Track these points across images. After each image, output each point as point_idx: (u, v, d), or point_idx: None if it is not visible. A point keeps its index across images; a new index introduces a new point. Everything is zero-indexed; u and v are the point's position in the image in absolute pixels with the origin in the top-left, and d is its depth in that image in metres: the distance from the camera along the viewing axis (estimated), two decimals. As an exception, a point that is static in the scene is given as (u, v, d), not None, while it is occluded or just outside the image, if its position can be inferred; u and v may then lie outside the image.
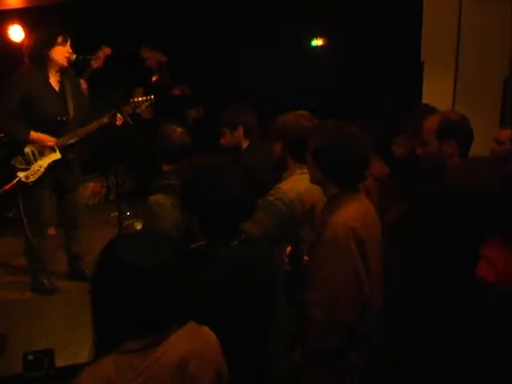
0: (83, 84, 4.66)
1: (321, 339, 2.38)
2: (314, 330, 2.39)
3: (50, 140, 4.33)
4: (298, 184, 2.99)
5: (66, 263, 4.90)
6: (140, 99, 4.54)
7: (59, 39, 4.28)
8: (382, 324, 2.43)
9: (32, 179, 4.35)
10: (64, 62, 4.36)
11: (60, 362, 2.44)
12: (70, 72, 4.53)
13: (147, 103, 4.57)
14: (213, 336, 1.78)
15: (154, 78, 6.58)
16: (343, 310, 2.34)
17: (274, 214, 2.97)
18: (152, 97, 4.58)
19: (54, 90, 4.39)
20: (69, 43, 4.34)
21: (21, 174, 4.33)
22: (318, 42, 7.06)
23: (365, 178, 2.54)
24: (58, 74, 4.41)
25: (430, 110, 3.23)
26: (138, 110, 4.54)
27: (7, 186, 4.31)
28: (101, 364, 1.63)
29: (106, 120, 4.41)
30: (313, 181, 2.61)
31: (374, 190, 3.15)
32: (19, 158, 4.33)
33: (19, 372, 2.41)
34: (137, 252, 1.65)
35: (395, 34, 5.83)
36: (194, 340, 1.71)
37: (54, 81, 4.39)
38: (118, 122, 4.40)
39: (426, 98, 5.09)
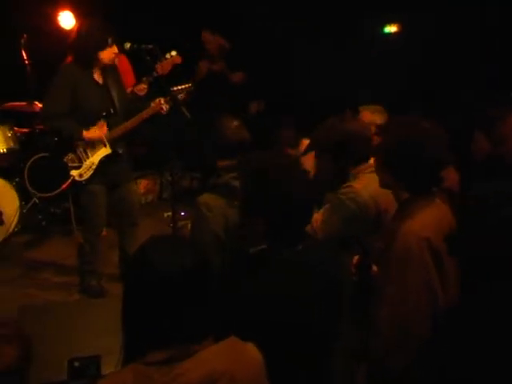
0: (144, 90, 4.66)
1: (387, 358, 2.33)
2: (380, 348, 2.35)
3: (100, 133, 4.42)
4: (369, 184, 2.90)
5: (117, 265, 5.00)
6: (180, 87, 4.56)
7: (104, 42, 4.35)
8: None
9: (86, 177, 4.47)
10: (111, 62, 4.49)
11: (107, 369, 2.44)
12: (112, 66, 4.64)
13: (185, 91, 4.59)
14: (256, 354, 1.73)
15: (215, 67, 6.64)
16: (414, 328, 2.28)
17: (344, 214, 2.91)
18: (190, 85, 4.61)
19: (99, 84, 4.50)
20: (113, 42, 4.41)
21: (74, 173, 4.45)
22: (391, 29, 6.93)
23: (441, 181, 2.46)
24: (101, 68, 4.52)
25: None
26: (179, 97, 4.55)
27: (63, 186, 4.43)
28: (120, 373, 1.65)
29: (151, 111, 4.49)
30: (382, 185, 2.57)
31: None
32: (71, 155, 4.45)
33: (64, 379, 2.45)
34: (168, 257, 1.65)
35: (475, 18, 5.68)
36: (228, 358, 1.66)
37: (97, 75, 4.50)
38: (163, 111, 4.47)
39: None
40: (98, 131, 4.43)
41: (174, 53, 4.70)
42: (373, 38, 6.87)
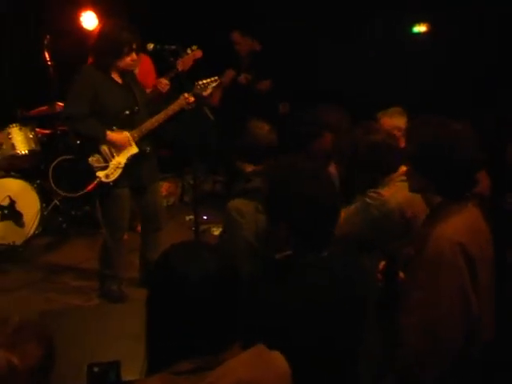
0: (166, 85, 4.66)
1: (418, 369, 2.29)
2: (409, 355, 2.31)
3: (124, 138, 4.43)
4: (399, 192, 2.96)
5: (138, 269, 4.98)
6: (205, 81, 4.56)
7: (125, 49, 4.35)
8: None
9: (112, 178, 4.44)
10: (128, 68, 4.50)
11: (127, 375, 2.42)
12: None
13: (213, 84, 4.59)
14: (282, 363, 1.73)
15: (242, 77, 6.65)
16: (446, 336, 2.24)
17: (366, 218, 2.99)
18: (217, 78, 4.60)
19: (119, 84, 4.50)
20: (134, 48, 4.41)
21: (100, 174, 4.41)
22: (420, 29, 6.86)
23: (475, 184, 2.42)
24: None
25: None
26: (204, 93, 4.56)
27: (88, 188, 4.39)
28: (148, 382, 1.65)
29: (177, 106, 4.49)
30: (412, 189, 2.54)
31: None
32: (96, 156, 4.42)
33: (83, 384, 2.45)
34: (193, 263, 1.64)
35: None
36: (256, 366, 1.66)
37: (116, 76, 4.50)
38: (189, 105, 4.48)
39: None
40: (122, 135, 4.42)
41: (194, 47, 4.70)
42: (383, 38, 6.81)
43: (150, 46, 4.65)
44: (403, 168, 3.05)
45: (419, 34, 6.87)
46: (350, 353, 2.20)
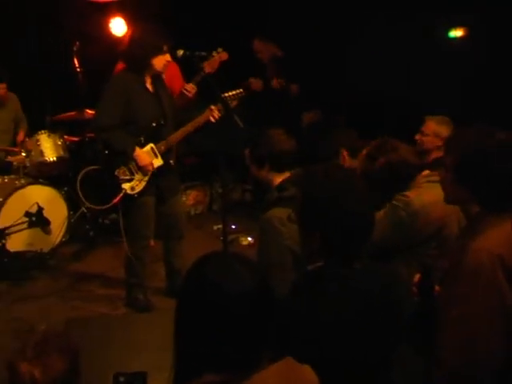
0: (192, 89, 4.69)
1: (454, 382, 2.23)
2: (444, 376, 2.25)
3: (147, 160, 4.45)
4: (424, 193, 3.07)
5: (163, 278, 5.00)
6: (230, 94, 4.58)
7: (165, 47, 4.38)
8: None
9: (138, 190, 4.48)
10: (163, 70, 4.51)
11: (153, 385, 2.45)
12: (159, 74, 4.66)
13: (238, 97, 4.61)
14: (312, 377, 1.71)
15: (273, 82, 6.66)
16: (486, 354, 2.17)
17: (394, 220, 3.07)
18: (241, 90, 4.63)
19: (150, 92, 4.52)
20: (168, 49, 4.44)
21: (126, 186, 4.45)
22: (457, 33, 6.78)
23: None
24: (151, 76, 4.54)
25: None
26: (231, 105, 4.56)
27: (115, 200, 4.44)
28: None
29: (203, 119, 4.53)
30: (449, 200, 2.48)
31: None
32: (123, 168, 4.46)
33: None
34: (227, 275, 1.63)
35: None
36: (286, 379, 1.64)
37: (148, 83, 4.51)
38: (212, 119, 4.51)
39: None
40: (148, 157, 4.46)
41: (220, 49, 4.72)
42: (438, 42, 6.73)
43: (180, 53, 4.65)
44: (426, 171, 3.21)
45: (455, 38, 6.79)
46: (384, 361, 2.17)
